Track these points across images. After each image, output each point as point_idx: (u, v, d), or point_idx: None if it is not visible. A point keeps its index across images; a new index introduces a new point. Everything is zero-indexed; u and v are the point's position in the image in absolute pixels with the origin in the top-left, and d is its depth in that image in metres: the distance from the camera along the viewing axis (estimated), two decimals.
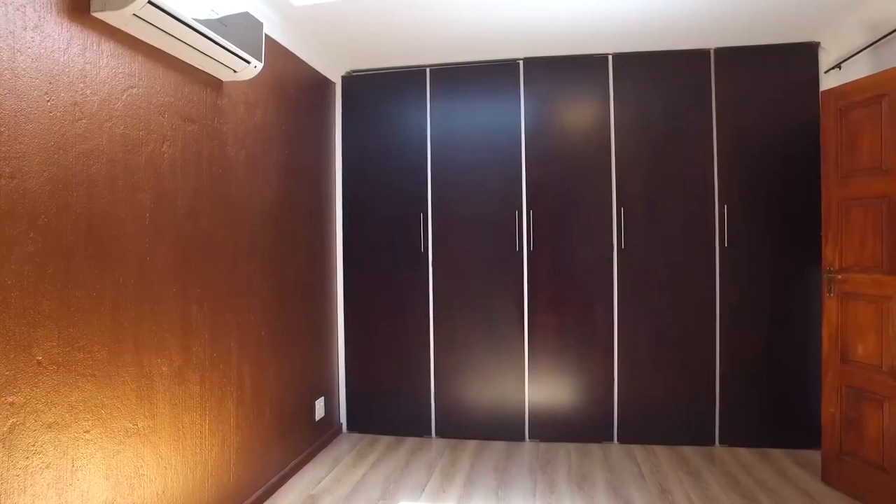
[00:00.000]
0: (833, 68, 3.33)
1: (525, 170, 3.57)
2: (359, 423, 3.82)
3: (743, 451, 3.40)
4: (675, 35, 3.33)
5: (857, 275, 2.79)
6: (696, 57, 3.48)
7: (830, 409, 2.97)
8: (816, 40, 3.42)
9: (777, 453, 3.37)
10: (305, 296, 3.34)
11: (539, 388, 3.58)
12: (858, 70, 3.13)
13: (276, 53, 3.04)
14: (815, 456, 3.28)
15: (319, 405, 3.50)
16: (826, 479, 2.98)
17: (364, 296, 3.75)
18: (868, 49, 3.15)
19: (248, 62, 2.30)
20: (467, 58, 3.63)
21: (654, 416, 3.50)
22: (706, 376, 3.48)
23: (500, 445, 3.57)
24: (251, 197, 2.76)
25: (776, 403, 3.44)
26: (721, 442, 3.47)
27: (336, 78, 3.80)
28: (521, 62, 3.60)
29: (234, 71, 2.34)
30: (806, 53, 3.43)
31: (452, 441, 3.65)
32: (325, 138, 3.65)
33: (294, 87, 3.24)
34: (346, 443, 3.66)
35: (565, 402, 3.57)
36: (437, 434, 3.70)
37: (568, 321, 3.54)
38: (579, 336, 3.54)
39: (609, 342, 3.53)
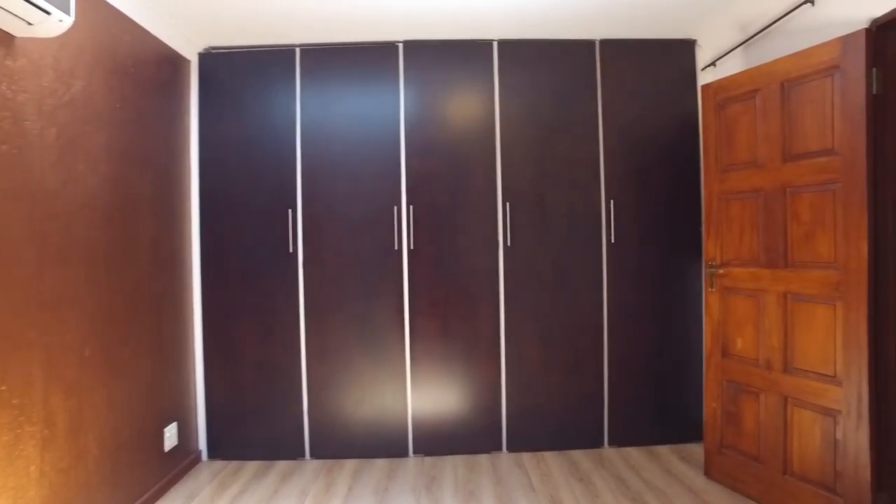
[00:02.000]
0: (709, 66, 3.35)
1: (405, 162, 3.29)
2: (221, 448, 3.34)
3: (632, 451, 3.34)
4: (561, 23, 3.20)
5: (737, 269, 2.79)
6: (582, 47, 3.38)
7: (712, 403, 2.95)
8: (694, 38, 3.44)
9: (664, 450, 3.34)
10: (151, 305, 2.84)
11: (423, 397, 3.31)
12: (732, 68, 3.16)
13: (109, 17, 2.54)
14: (700, 450, 3.29)
15: (171, 432, 3.00)
16: (708, 473, 2.97)
17: (225, 303, 3.29)
18: (740, 48, 3.19)
19: (47, 13, 1.82)
20: (342, 38, 3.29)
21: (543, 422, 3.36)
22: (595, 377, 3.39)
23: (381, 463, 3.26)
24: (67, 186, 2.25)
25: (663, 400, 3.42)
26: (610, 443, 3.39)
27: (191, 55, 3.31)
28: (400, 45, 3.31)
29: (29, 24, 1.84)
30: (686, 50, 3.44)
31: (329, 462, 3.28)
32: (176, 122, 3.15)
33: (134, 60, 2.73)
34: (206, 473, 3.18)
35: (451, 412, 3.33)
36: (311, 455, 3.32)
37: (452, 324, 3.31)
38: (465, 340, 3.31)
39: (496, 346, 3.34)
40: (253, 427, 3.31)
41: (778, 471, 2.62)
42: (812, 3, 2.57)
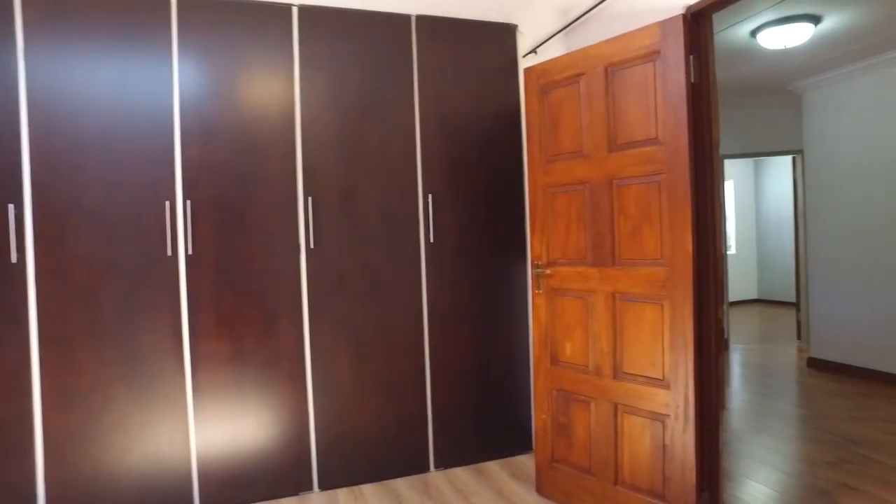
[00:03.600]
0: (530, 53, 3.15)
1: (181, 146, 2.61)
2: None
3: (460, 473, 3.01)
4: None
5: (564, 268, 2.57)
6: (396, 22, 2.97)
7: (542, 415, 2.72)
8: (515, 22, 3.22)
9: (495, 467, 3.07)
10: None
11: (211, 437, 2.66)
12: (554, 55, 2.98)
13: None
14: (532, 463, 3.07)
15: None
16: (540, 489, 2.74)
17: None
18: (561, 34, 3.03)
19: None
20: None
21: (361, 450, 2.89)
22: (417, 393, 3.01)
23: None
24: None
25: (493, 412, 3.15)
26: (437, 466, 3.04)
27: None
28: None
29: None
30: (508, 35, 3.20)
31: None
32: None
33: None
34: None
35: (249, 451, 2.72)
36: None
37: (247, 344, 2.70)
38: (263, 362, 2.73)
39: (301, 366, 2.80)
40: None
41: (609, 482, 2.44)
42: None
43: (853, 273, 4.75)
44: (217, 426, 2.66)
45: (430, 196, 3.00)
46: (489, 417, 3.15)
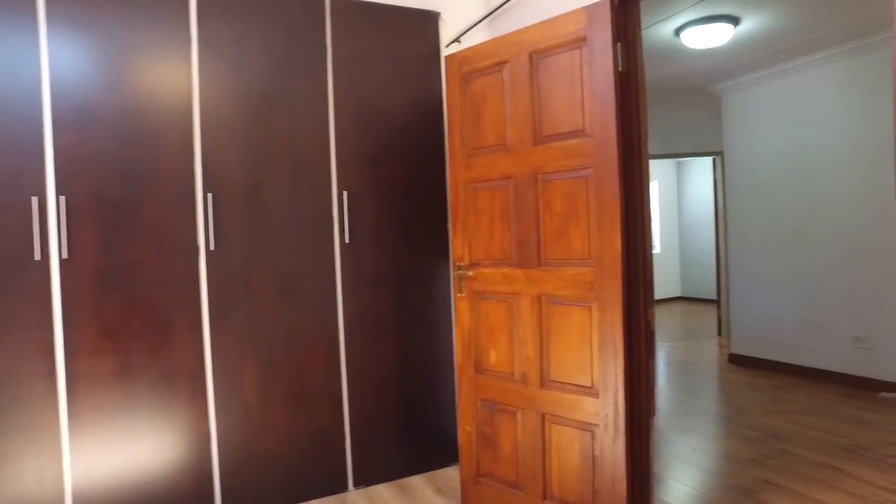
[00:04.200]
0: (454, 42, 2.99)
1: (52, 135, 2.25)
2: None
3: (382, 490, 2.80)
4: None
5: (488, 269, 2.41)
6: (309, 4, 2.72)
7: (467, 426, 2.55)
8: (437, 10, 3.04)
9: (419, 482, 2.87)
10: None
11: (92, 470, 2.31)
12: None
13: None
14: (459, 476, 2.89)
15: None
16: None
17: None
18: (485, 22, 2.88)
19: None
20: None
21: (271, 471, 2.63)
22: (333, 406, 2.77)
23: None
24: None
25: (417, 423, 2.96)
26: (357, 484, 2.81)
27: None
28: None
29: None
30: (431, 23, 3.01)
31: None
32: None
33: None
34: None
35: (140, 482, 2.39)
36: None
37: (136, 359, 2.38)
38: (155, 378, 2.41)
39: (200, 382, 2.50)
40: None
41: (538, 497, 2.30)
42: None
43: (769, 270, 4.89)
44: (100, 456, 2.32)
45: (345, 193, 2.77)
46: (413, 429, 2.95)
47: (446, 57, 2.57)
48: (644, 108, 2.09)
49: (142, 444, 2.39)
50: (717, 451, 3.27)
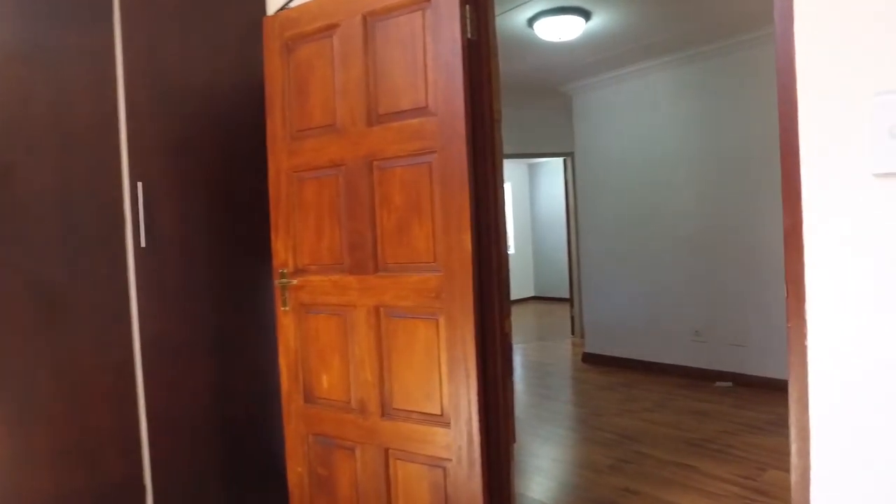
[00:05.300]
0: (284, 7, 2.51)
1: None
2: None
3: None
4: None
5: (316, 277, 1.98)
6: None
7: (297, 467, 2.11)
8: None
9: None
10: None
11: None
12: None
13: None
14: None
15: None
16: None
17: None
18: None
19: None
20: None
21: None
22: (126, 454, 2.16)
23: None
24: None
25: (239, 465, 2.43)
26: None
27: None
28: None
29: None
30: None
31: None
32: None
33: None
34: None
35: None
36: None
37: None
38: None
39: None
40: None
41: None
42: None
43: (618, 269, 4.97)
44: None
45: (140, 185, 2.17)
46: (238, 469, 2.42)
47: (265, 19, 2.10)
48: (497, 83, 1.80)
49: None
50: (577, 459, 3.15)
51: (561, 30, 3.58)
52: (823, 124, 1.06)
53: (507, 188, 9.42)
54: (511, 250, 9.42)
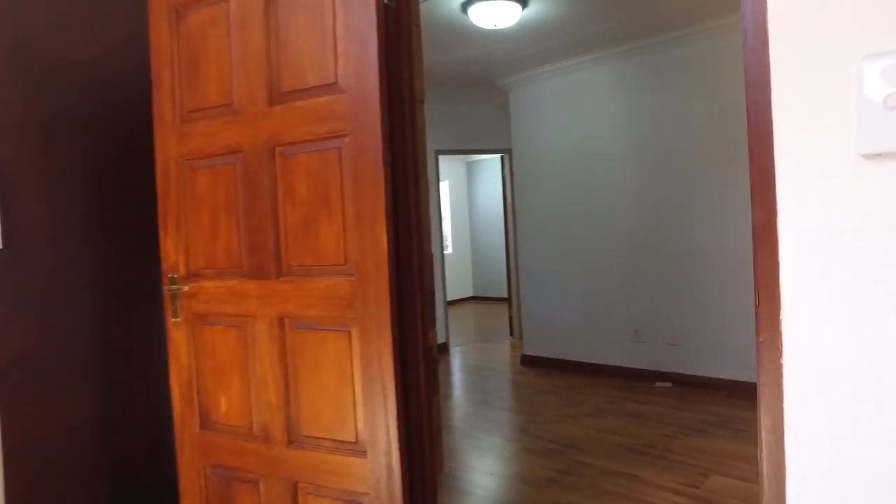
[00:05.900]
0: None
1: None
2: None
3: None
4: None
5: (211, 282, 1.68)
6: None
7: None
8: None
9: None
10: None
11: None
12: None
13: None
14: None
15: None
16: None
17: None
18: None
19: None
20: None
21: None
22: None
23: None
24: None
25: (130, 499, 2.10)
26: None
27: None
28: None
29: None
30: None
31: None
32: None
33: None
34: None
35: None
36: None
37: None
38: None
39: None
40: None
41: None
42: None
43: (556, 268, 4.84)
44: None
45: None
46: None
47: None
48: (419, 57, 1.56)
49: None
50: (516, 473, 2.97)
51: (497, 16, 3.39)
52: (801, 96, 0.86)
53: (445, 186, 9.22)
54: (448, 250, 9.24)
